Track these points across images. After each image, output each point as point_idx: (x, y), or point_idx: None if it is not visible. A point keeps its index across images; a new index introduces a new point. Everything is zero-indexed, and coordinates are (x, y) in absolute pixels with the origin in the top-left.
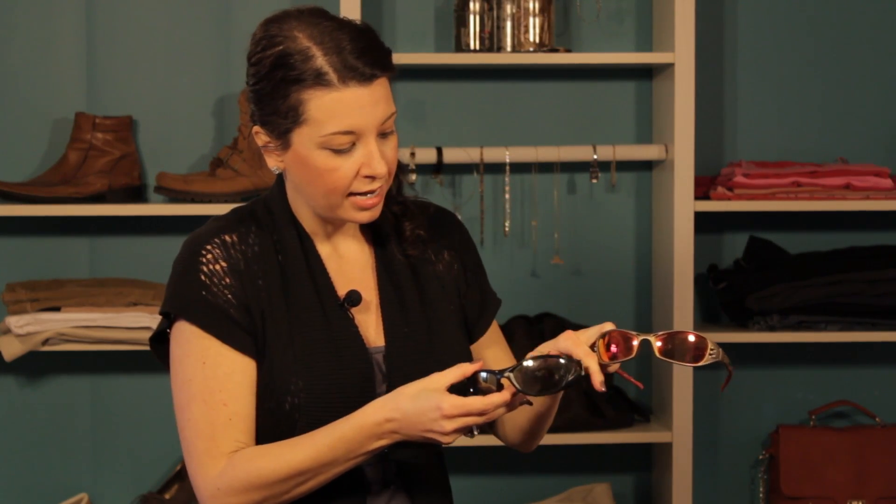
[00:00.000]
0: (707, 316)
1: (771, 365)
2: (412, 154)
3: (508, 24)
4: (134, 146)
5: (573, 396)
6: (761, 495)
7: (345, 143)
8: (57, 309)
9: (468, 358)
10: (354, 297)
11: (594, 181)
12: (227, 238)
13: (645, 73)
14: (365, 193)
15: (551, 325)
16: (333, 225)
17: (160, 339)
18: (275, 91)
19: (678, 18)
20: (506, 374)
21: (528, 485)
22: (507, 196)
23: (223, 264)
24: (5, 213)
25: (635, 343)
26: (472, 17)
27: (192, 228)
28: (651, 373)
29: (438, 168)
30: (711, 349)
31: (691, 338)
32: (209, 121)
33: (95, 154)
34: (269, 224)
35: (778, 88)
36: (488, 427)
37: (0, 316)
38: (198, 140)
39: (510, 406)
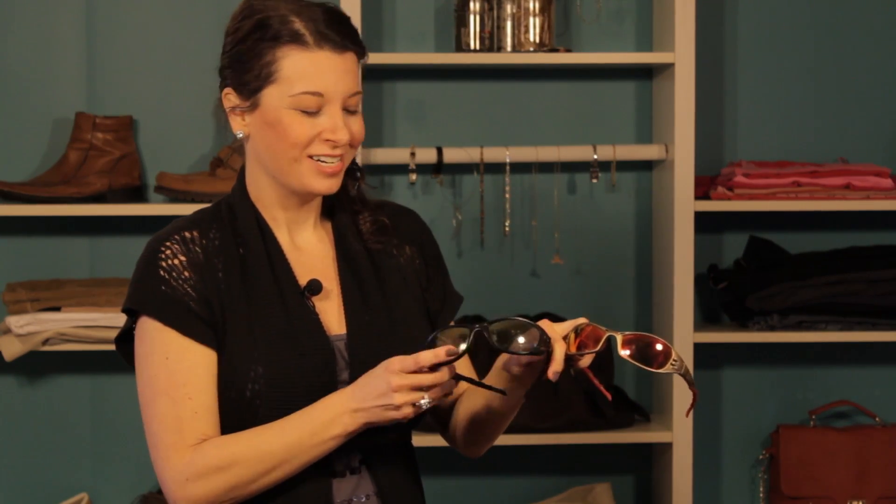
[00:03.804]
0: (707, 316)
1: (771, 365)
2: (412, 154)
3: (508, 24)
4: (134, 146)
5: (573, 396)
6: (761, 495)
7: (312, 105)
8: (57, 309)
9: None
10: (315, 286)
11: (594, 181)
12: (187, 234)
13: (645, 73)
14: (325, 161)
15: None
16: (294, 211)
17: (126, 339)
18: (250, 51)
19: (678, 18)
20: (475, 328)
21: (528, 485)
22: (507, 196)
23: (182, 259)
24: (5, 213)
25: (602, 337)
26: (472, 17)
27: None
28: (651, 373)
29: (438, 168)
30: (674, 360)
31: (658, 346)
32: (209, 121)
33: (95, 154)
34: (230, 218)
35: (778, 88)
36: (438, 421)
37: (0, 316)
38: (198, 140)
39: (453, 380)
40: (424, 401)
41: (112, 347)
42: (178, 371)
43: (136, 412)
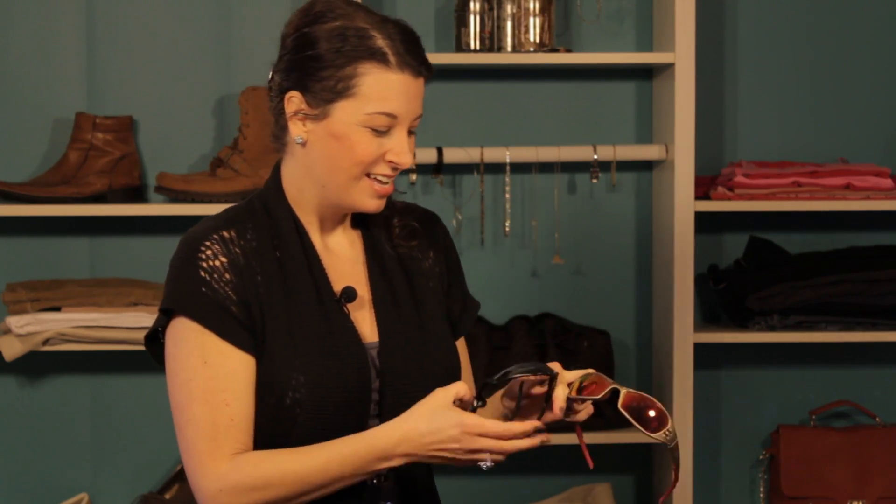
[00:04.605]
0: (707, 316)
1: (771, 365)
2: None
3: (509, 24)
4: (134, 146)
5: None
6: (761, 495)
7: (383, 126)
8: (57, 309)
9: (456, 354)
10: (350, 293)
11: (594, 181)
12: (226, 234)
13: (645, 73)
14: (382, 181)
15: (551, 325)
16: (329, 218)
17: (154, 338)
18: (326, 59)
19: (678, 18)
20: (514, 374)
21: (528, 485)
22: (507, 196)
23: (223, 260)
24: (5, 213)
25: (607, 388)
26: (472, 17)
27: None
28: (651, 373)
29: (438, 168)
30: (668, 430)
31: (655, 412)
32: (209, 121)
33: (95, 154)
34: (266, 219)
35: (778, 88)
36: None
37: (0, 316)
38: (198, 140)
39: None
40: (488, 463)
41: (112, 347)
42: (216, 376)
43: (136, 412)
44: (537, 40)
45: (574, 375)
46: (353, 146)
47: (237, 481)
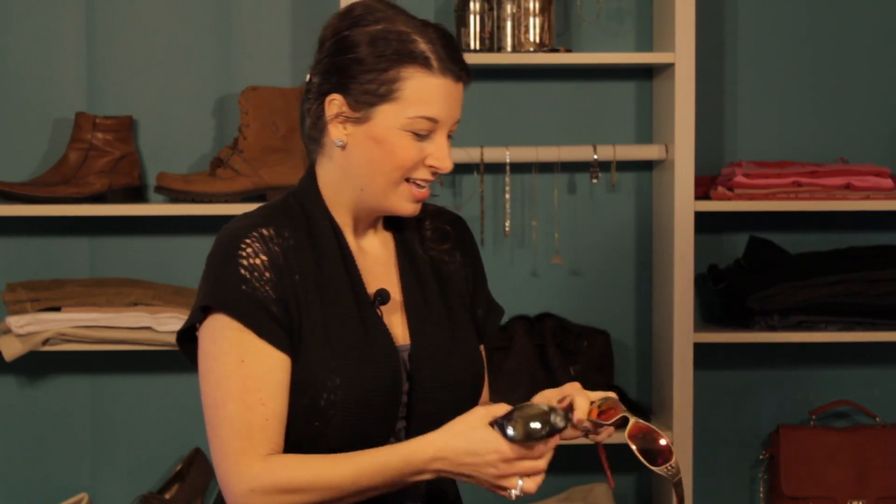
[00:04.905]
0: (707, 316)
1: (771, 365)
2: None
3: (508, 24)
4: (134, 146)
5: None
6: (761, 495)
7: (425, 130)
8: (57, 309)
9: (482, 360)
10: (384, 295)
11: (594, 181)
12: (265, 232)
13: (645, 73)
14: (421, 185)
15: (551, 325)
16: (363, 220)
17: (185, 336)
18: (372, 64)
19: (678, 18)
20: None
21: None
22: (507, 196)
23: (263, 258)
24: (5, 213)
25: (618, 415)
26: (472, 17)
27: (193, 228)
28: (652, 373)
29: None
30: (671, 465)
31: (662, 441)
32: (209, 121)
33: (95, 154)
34: (302, 218)
35: (778, 88)
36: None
37: (0, 316)
38: (198, 140)
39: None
40: (516, 492)
41: (112, 347)
42: (253, 375)
43: (136, 412)
44: (537, 40)
45: (595, 396)
46: (394, 150)
47: (269, 483)
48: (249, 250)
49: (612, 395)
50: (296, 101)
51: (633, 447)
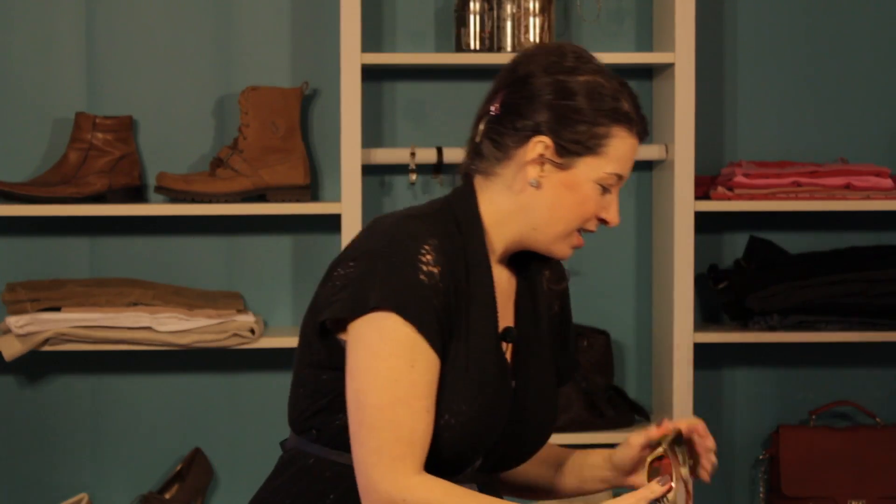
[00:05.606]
0: (707, 316)
1: (771, 365)
2: (412, 154)
3: (509, 24)
4: (134, 146)
5: (573, 396)
6: (761, 495)
7: (611, 185)
8: (57, 309)
9: (557, 407)
10: (512, 335)
11: None
12: (437, 242)
13: (645, 73)
14: (583, 235)
15: None
16: (507, 252)
17: (322, 332)
18: (588, 116)
19: (678, 18)
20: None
21: None
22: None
23: (438, 269)
24: (5, 213)
25: (669, 473)
26: (472, 17)
27: (193, 228)
28: (652, 373)
29: (438, 168)
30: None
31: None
32: (209, 121)
33: (95, 154)
34: (459, 237)
35: (778, 88)
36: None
37: (0, 316)
38: (198, 140)
39: None
40: None
41: (112, 347)
42: (421, 382)
43: (136, 412)
44: (537, 40)
45: (666, 431)
46: (583, 200)
47: (422, 499)
48: (429, 257)
49: (698, 424)
50: (296, 101)
51: (648, 472)
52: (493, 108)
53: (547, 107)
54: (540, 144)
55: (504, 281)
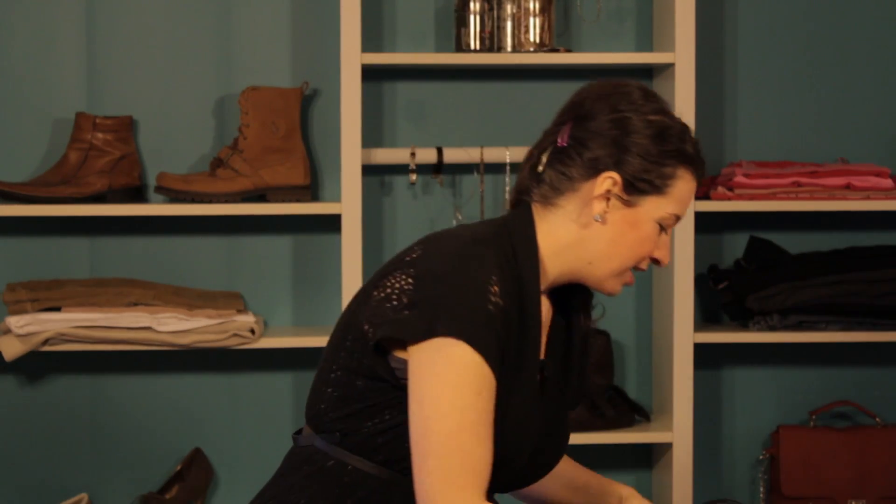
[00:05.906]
0: (707, 316)
1: (771, 365)
2: (412, 154)
3: (509, 24)
4: (134, 146)
5: None
6: (761, 495)
7: (669, 225)
8: (57, 309)
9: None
10: (548, 370)
11: None
12: (502, 272)
13: (645, 73)
14: (635, 273)
15: None
16: (554, 283)
17: (377, 350)
18: (656, 157)
19: (678, 18)
20: None
21: None
22: (507, 196)
23: (504, 301)
24: (5, 213)
25: None
26: (472, 17)
27: (193, 228)
28: (652, 373)
29: (438, 168)
30: None
31: None
32: (209, 121)
33: (95, 154)
34: (515, 265)
35: (778, 88)
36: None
37: (0, 316)
38: (198, 140)
39: None
40: None
41: (112, 347)
42: (487, 410)
43: (136, 412)
44: (537, 40)
45: None
46: (643, 239)
47: None
48: (497, 289)
49: None
50: (296, 101)
51: None
52: (560, 140)
53: (616, 143)
54: (609, 180)
55: (545, 311)
